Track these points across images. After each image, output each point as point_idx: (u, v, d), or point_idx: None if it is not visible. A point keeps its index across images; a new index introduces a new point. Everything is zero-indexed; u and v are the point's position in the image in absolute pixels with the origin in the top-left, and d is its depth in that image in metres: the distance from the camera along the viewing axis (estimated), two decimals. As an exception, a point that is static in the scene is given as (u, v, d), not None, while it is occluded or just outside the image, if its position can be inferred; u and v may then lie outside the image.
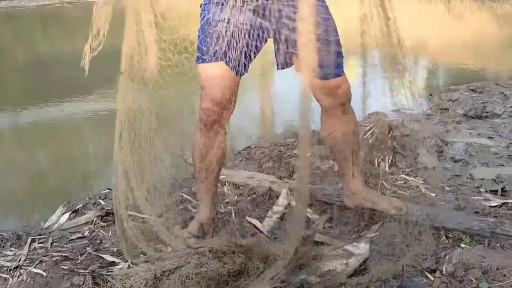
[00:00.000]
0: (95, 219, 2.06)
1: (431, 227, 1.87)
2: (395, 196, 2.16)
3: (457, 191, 2.21)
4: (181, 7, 3.60)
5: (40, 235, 1.99)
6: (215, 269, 1.45)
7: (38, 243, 1.91)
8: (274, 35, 1.69)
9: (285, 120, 3.63)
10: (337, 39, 1.72)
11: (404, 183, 2.32)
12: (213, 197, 1.92)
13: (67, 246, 1.89)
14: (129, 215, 1.70)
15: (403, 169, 2.54)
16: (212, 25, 1.65)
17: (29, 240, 1.92)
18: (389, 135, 2.74)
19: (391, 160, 2.57)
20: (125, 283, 1.54)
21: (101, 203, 2.23)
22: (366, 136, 2.74)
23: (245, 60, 1.69)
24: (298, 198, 1.46)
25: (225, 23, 1.63)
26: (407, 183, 2.32)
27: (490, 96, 3.86)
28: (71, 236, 1.98)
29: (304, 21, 1.28)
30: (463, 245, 1.75)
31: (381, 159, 2.56)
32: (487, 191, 2.22)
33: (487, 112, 3.51)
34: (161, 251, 1.73)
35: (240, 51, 1.65)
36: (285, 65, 1.78)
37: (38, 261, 1.77)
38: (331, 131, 1.85)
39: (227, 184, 2.36)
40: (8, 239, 1.94)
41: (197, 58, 1.69)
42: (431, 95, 4.16)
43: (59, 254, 1.82)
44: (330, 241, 1.84)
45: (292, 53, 1.72)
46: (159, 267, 1.51)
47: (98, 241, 1.92)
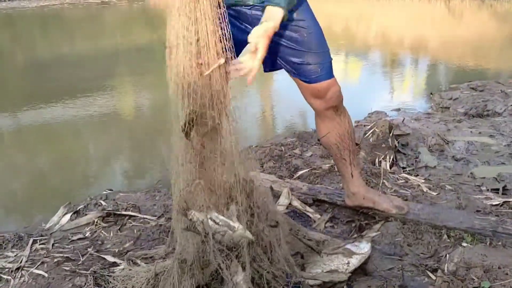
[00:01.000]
0: (96, 220, 2.06)
1: (433, 226, 1.87)
2: (396, 195, 2.16)
3: (459, 190, 2.21)
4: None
5: (41, 236, 1.99)
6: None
7: (39, 244, 1.91)
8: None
9: (286, 119, 3.63)
10: (320, 42, 1.69)
11: (405, 182, 2.32)
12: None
13: (69, 247, 1.89)
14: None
15: (404, 168, 2.54)
16: None
17: (31, 241, 1.92)
18: (390, 134, 2.74)
19: (392, 159, 2.57)
20: (127, 284, 1.54)
21: (102, 204, 2.22)
22: (367, 135, 2.73)
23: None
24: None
25: None
26: (408, 182, 2.32)
27: (491, 94, 3.86)
28: (72, 237, 1.98)
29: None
30: (464, 244, 1.74)
31: (382, 158, 2.56)
32: (488, 190, 2.22)
33: (488, 110, 3.51)
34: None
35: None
36: (272, 67, 1.79)
37: (39, 262, 1.77)
38: (325, 134, 1.85)
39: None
40: (9, 240, 1.94)
41: None
42: (431, 94, 4.15)
43: (61, 255, 1.82)
44: (331, 240, 1.84)
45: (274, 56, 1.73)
46: (160, 267, 1.51)
47: (99, 242, 1.92)
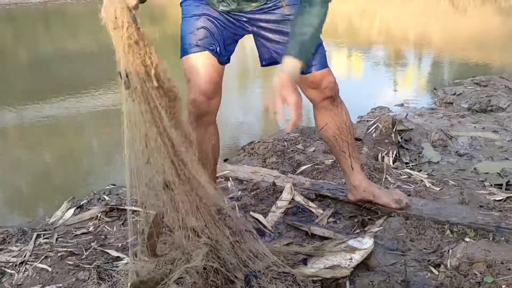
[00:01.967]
0: (99, 215, 2.07)
1: (436, 221, 1.87)
2: (399, 190, 2.16)
3: (462, 185, 2.21)
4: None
5: (45, 230, 2.00)
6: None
7: (43, 239, 1.92)
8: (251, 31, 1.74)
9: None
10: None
11: (408, 178, 2.31)
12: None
13: (72, 241, 1.90)
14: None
15: (407, 163, 2.54)
16: (193, 18, 1.68)
17: (34, 235, 1.93)
18: (393, 130, 2.73)
19: (395, 154, 2.57)
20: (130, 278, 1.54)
21: (105, 199, 2.23)
22: (370, 130, 2.73)
23: (226, 49, 1.72)
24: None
25: (204, 17, 1.67)
26: (411, 177, 2.31)
27: (495, 89, 3.84)
28: (76, 231, 1.98)
29: None
30: (467, 240, 1.74)
31: (385, 154, 2.56)
32: (491, 185, 2.21)
33: (492, 105, 3.49)
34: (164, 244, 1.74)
35: (221, 42, 1.68)
36: (268, 62, 1.79)
37: (43, 257, 1.78)
38: (323, 125, 1.85)
39: (231, 179, 2.36)
40: (13, 235, 1.95)
41: (181, 52, 1.70)
42: (435, 89, 4.14)
43: (64, 249, 1.83)
44: (334, 235, 1.84)
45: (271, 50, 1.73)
46: (163, 261, 1.51)
47: (103, 237, 1.93)
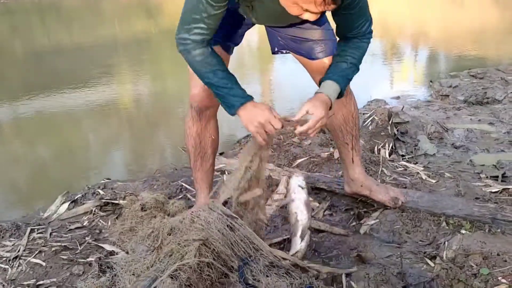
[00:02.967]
0: (94, 209, 2.06)
1: (432, 213, 1.86)
2: (395, 183, 2.15)
3: (458, 178, 2.20)
4: None
5: (39, 225, 1.98)
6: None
7: (37, 233, 1.91)
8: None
9: (285, 108, 3.61)
10: (323, 19, 1.67)
11: (404, 170, 2.31)
12: (211, 185, 1.91)
13: (66, 236, 1.89)
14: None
15: (403, 156, 2.53)
16: None
17: (28, 230, 1.91)
18: (389, 122, 2.72)
19: (391, 147, 2.56)
20: (129, 268, 1.53)
21: (100, 193, 2.21)
22: (366, 123, 2.72)
23: (233, 38, 1.70)
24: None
25: None
26: (407, 170, 2.31)
27: (491, 82, 3.83)
28: (70, 226, 1.97)
29: None
30: (463, 232, 1.74)
31: (381, 146, 2.55)
32: (487, 177, 2.21)
33: (488, 98, 3.49)
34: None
35: (229, 30, 1.65)
36: (280, 48, 1.77)
37: (37, 251, 1.77)
38: (331, 114, 1.83)
39: (226, 172, 2.35)
40: (7, 230, 1.94)
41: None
42: (431, 82, 4.13)
43: (59, 244, 1.81)
44: (330, 228, 1.84)
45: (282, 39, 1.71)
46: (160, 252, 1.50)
47: (97, 231, 1.92)
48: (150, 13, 10.26)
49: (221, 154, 2.64)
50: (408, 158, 2.50)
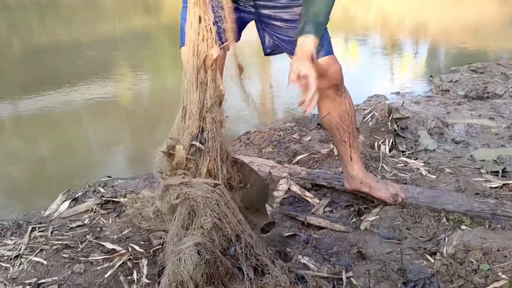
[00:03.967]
0: (95, 207, 2.06)
1: (432, 209, 1.87)
2: (395, 179, 2.15)
3: (458, 173, 2.20)
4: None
5: (40, 223, 1.98)
6: None
7: (38, 232, 1.91)
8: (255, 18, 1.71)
9: (285, 104, 3.61)
10: None
11: (404, 166, 2.31)
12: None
13: (68, 234, 1.89)
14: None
15: (403, 151, 2.53)
16: None
17: (30, 228, 1.92)
18: (389, 118, 2.72)
19: (391, 143, 2.56)
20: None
21: (101, 191, 2.22)
22: (366, 119, 2.72)
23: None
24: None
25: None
26: (408, 165, 2.31)
27: (491, 76, 3.82)
28: (71, 224, 1.97)
29: None
30: (463, 227, 1.74)
31: (381, 142, 2.55)
32: (488, 173, 2.21)
33: (488, 92, 3.48)
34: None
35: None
36: (272, 49, 1.77)
37: (38, 250, 1.77)
38: (325, 114, 1.83)
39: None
40: (8, 228, 1.94)
41: (181, 42, 1.67)
42: (431, 77, 4.12)
43: (60, 242, 1.82)
44: (330, 225, 1.84)
45: (277, 38, 1.71)
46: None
47: (98, 229, 1.92)
48: (148, 8, 10.23)
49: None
50: (408, 153, 2.50)
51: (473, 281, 1.47)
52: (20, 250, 1.77)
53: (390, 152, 2.48)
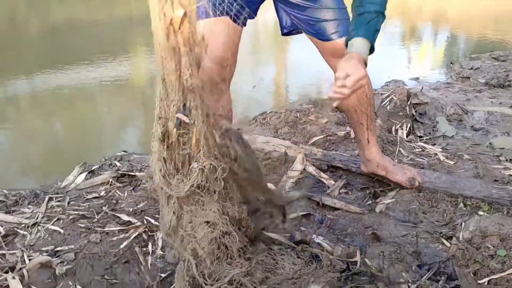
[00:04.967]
0: (111, 180, 2.07)
1: (449, 194, 1.84)
2: (412, 163, 2.13)
3: (477, 160, 2.17)
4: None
5: (57, 194, 2.01)
6: None
7: (55, 202, 1.93)
8: None
9: (301, 86, 3.58)
10: None
11: (421, 151, 2.28)
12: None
13: (84, 205, 1.91)
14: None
15: (421, 137, 2.50)
16: None
17: (47, 198, 1.94)
18: (408, 103, 2.68)
19: (409, 127, 2.53)
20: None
21: (116, 165, 2.23)
22: (384, 103, 2.69)
23: (248, 8, 1.63)
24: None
25: None
26: (425, 151, 2.28)
27: (513, 65, 3.75)
28: (87, 195, 1.99)
29: None
30: (481, 213, 1.72)
31: (399, 127, 2.52)
32: (507, 160, 2.17)
33: (510, 80, 3.41)
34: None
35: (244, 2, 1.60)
36: (289, 30, 1.74)
37: (55, 219, 1.79)
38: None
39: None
40: (26, 197, 1.97)
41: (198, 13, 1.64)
42: (451, 64, 4.05)
43: (76, 212, 1.84)
44: (345, 206, 1.83)
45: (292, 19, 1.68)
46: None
47: (114, 201, 1.93)
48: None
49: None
50: (426, 139, 2.47)
51: (489, 266, 1.45)
52: (37, 218, 1.79)
53: (407, 137, 2.46)
